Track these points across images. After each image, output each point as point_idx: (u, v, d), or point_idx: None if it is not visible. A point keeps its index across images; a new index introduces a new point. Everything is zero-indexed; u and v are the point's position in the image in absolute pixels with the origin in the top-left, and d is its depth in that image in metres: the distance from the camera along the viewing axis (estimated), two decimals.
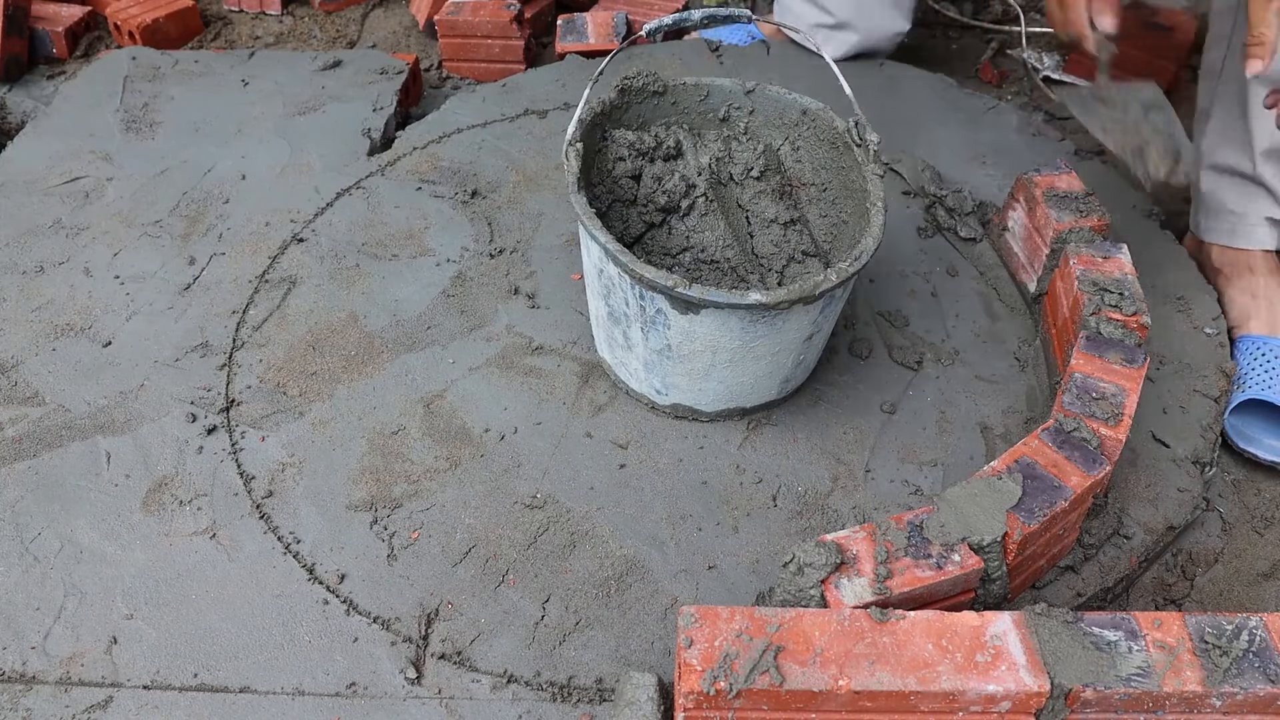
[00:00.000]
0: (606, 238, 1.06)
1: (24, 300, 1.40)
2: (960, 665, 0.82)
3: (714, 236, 1.21)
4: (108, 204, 1.57)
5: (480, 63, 1.99)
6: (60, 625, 1.04)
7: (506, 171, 1.64)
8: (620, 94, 1.25)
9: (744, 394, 1.20)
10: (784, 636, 0.84)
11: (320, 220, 1.54)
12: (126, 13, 2.04)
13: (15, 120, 1.92)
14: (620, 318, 1.15)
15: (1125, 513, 1.16)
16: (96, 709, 0.97)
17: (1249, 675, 0.82)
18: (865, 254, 1.08)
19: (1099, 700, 0.82)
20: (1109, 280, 1.23)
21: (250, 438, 1.22)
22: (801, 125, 1.28)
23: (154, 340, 1.35)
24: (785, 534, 1.13)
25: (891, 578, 0.92)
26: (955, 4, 2.25)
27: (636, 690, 0.93)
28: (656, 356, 1.15)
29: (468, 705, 0.98)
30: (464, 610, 1.06)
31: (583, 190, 1.11)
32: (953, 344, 1.37)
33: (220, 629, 1.04)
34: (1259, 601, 1.15)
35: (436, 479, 1.18)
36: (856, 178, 1.20)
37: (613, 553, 1.11)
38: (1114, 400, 1.09)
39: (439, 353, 1.33)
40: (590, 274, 1.17)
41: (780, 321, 1.08)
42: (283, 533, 1.12)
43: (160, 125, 1.73)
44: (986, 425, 1.26)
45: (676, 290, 1.03)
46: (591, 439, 1.23)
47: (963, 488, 0.99)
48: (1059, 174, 1.39)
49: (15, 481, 1.17)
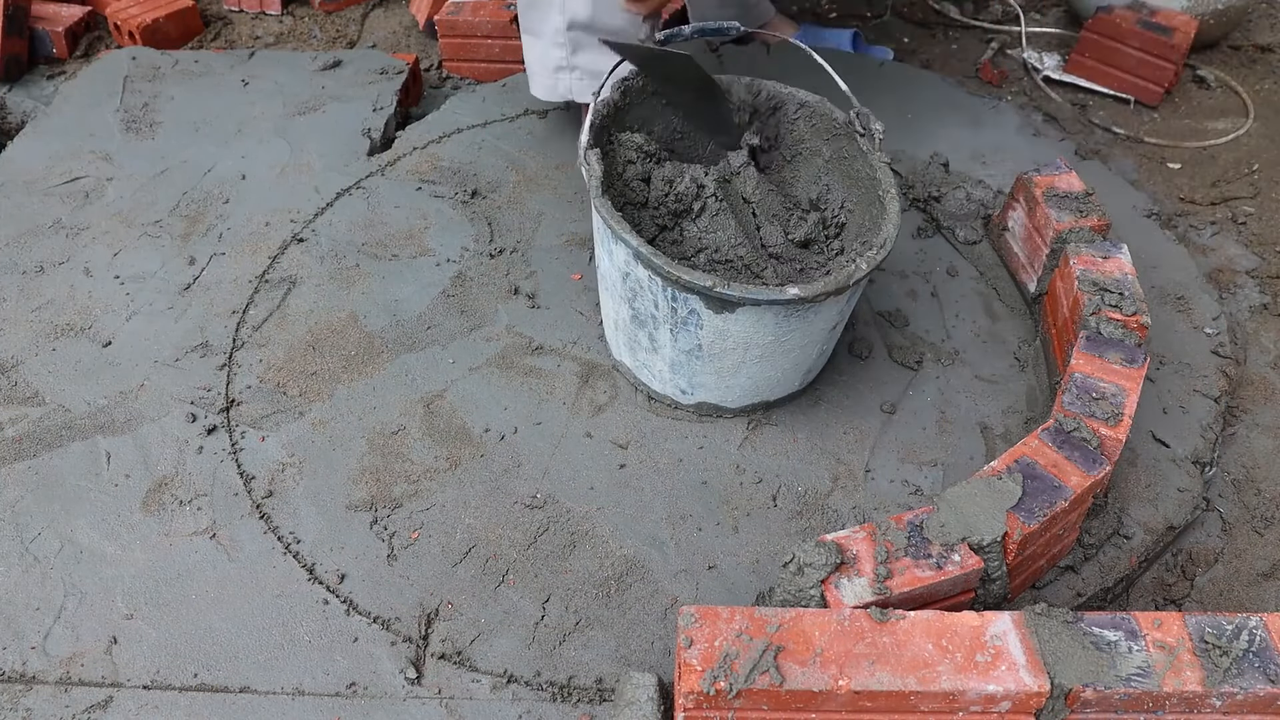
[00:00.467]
0: (639, 242, 1.06)
1: (24, 300, 1.40)
2: (960, 665, 0.82)
3: (726, 236, 1.21)
4: (108, 204, 1.57)
5: (480, 63, 1.99)
6: (60, 625, 1.04)
7: (506, 171, 1.64)
8: (623, 95, 1.25)
9: (770, 388, 1.21)
10: (784, 636, 0.84)
11: (320, 220, 1.54)
12: (126, 13, 2.04)
13: (15, 120, 1.92)
14: (646, 320, 1.15)
15: (1125, 513, 1.16)
16: (96, 709, 0.97)
17: (1249, 675, 0.82)
18: (889, 240, 1.09)
19: (1099, 700, 0.82)
20: (1109, 280, 1.23)
21: (250, 438, 1.22)
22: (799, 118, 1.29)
23: (154, 340, 1.35)
24: (785, 534, 1.13)
25: (891, 578, 0.92)
26: (955, 4, 2.25)
27: (636, 690, 0.93)
28: (685, 357, 1.16)
29: (468, 705, 0.98)
30: (464, 610, 1.06)
31: (607, 195, 1.11)
32: (953, 344, 1.37)
33: (220, 629, 1.04)
34: (1259, 601, 1.15)
35: (436, 479, 1.18)
36: (862, 167, 1.21)
37: (613, 553, 1.11)
38: (1114, 400, 1.09)
39: (439, 353, 1.33)
40: (612, 278, 1.17)
41: (812, 314, 1.09)
42: (283, 533, 1.12)
43: (160, 125, 1.73)
44: (986, 425, 1.26)
45: (716, 290, 1.03)
46: (591, 439, 1.23)
47: (963, 488, 0.99)
48: (1059, 174, 1.39)
49: (15, 481, 1.17)
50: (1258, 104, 1.93)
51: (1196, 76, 2.01)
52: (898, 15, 2.23)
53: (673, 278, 1.05)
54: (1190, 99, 1.96)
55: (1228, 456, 1.29)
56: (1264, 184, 1.73)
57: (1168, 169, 1.78)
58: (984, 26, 2.16)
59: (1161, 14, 1.91)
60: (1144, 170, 1.78)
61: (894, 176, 1.16)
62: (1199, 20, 1.93)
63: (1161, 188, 1.74)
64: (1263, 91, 1.98)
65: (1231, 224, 1.65)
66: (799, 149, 1.32)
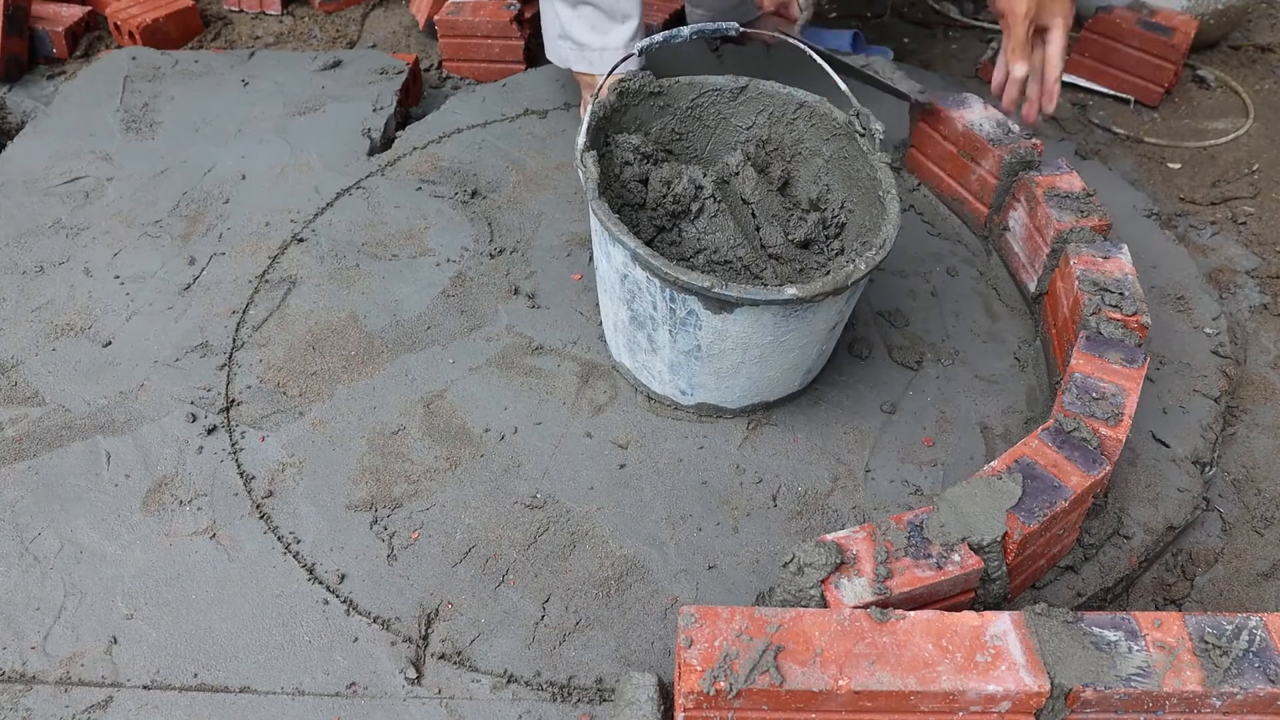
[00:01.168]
0: (636, 243, 1.05)
1: (24, 300, 1.40)
2: (960, 665, 0.82)
3: (724, 237, 1.21)
4: (108, 204, 1.57)
5: (480, 63, 1.99)
6: (60, 625, 1.04)
7: (506, 171, 1.64)
8: (619, 96, 1.25)
9: (769, 388, 1.21)
10: (784, 636, 0.84)
11: (320, 220, 1.54)
12: (126, 13, 2.04)
13: (15, 120, 1.92)
14: (645, 321, 1.15)
15: (1125, 513, 1.16)
16: (96, 709, 0.97)
17: (1249, 675, 0.82)
18: (888, 241, 1.09)
19: (1099, 700, 0.82)
20: (1109, 280, 1.23)
21: (250, 438, 1.22)
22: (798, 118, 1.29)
23: (154, 340, 1.35)
24: (785, 534, 1.13)
25: (891, 578, 0.92)
26: (955, 4, 2.25)
27: (636, 690, 0.93)
28: (684, 358, 1.15)
29: (468, 705, 0.98)
30: (464, 610, 1.06)
31: (603, 196, 1.11)
32: (953, 344, 1.37)
33: (220, 629, 1.04)
34: (1259, 601, 1.15)
35: (436, 479, 1.18)
36: (861, 167, 1.21)
37: (613, 553, 1.11)
38: (1114, 400, 1.09)
39: (439, 353, 1.33)
40: (610, 280, 1.17)
41: (810, 314, 1.09)
42: (283, 533, 1.12)
43: (160, 125, 1.73)
44: (986, 425, 1.26)
45: (714, 291, 1.03)
46: (591, 439, 1.23)
47: (963, 488, 0.99)
48: (1059, 174, 1.39)
49: (15, 481, 1.17)
50: (1258, 104, 1.93)
51: (1196, 76, 2.01)
52: (898, 15, 2.23)
53: (670, 279, 1.05)
54: (1190, 99, 1.96)
55: (1228, 456, 1.29)
56: (1264, 184, 1.73)
57: (1168, 169, 1.78)
58: (984, 26, 2.16)
59: (1161, 14, 1.91)
60: (1144, 170, 1.78)
61: (894, 176, 1.16)
62: (1199, 20, 1.93)
63: (1161, 188, 1.74)
64: (1263, 91, 1.98)
65: (1231, 224, 1.65)
66: (799, 149, 1.32)
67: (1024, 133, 1.45)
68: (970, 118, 1.48)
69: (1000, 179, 1.43)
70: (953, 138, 1.51)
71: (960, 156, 1.50)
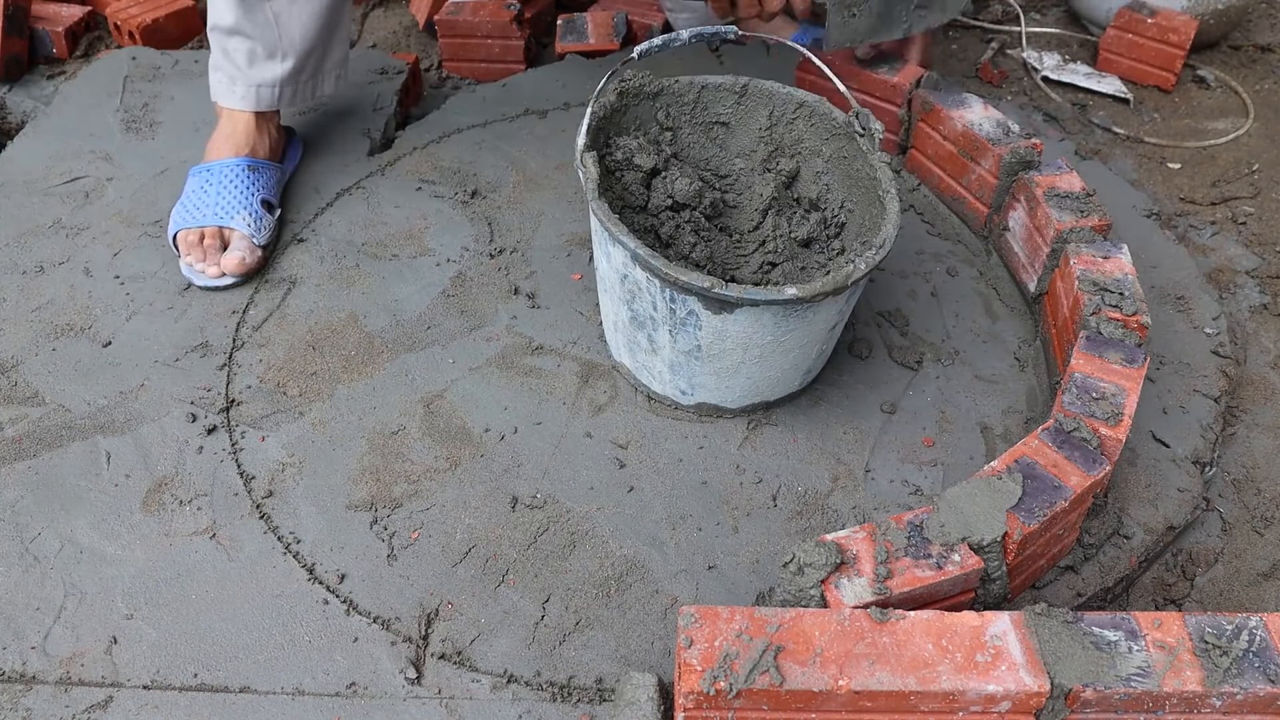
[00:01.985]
0: (636, 243, 1.05)
1: (24, 300, 1.40)
2: (960, 665, 0.82)
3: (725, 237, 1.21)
4: (108, 204, 1.57)
5: (480, 63, 1.99)
6: (60, 625, 1.04)
7: (506, 171, 1.64)
8: (619, 96, 1.25)
9: (769, 388, 1.21)
10: (784, 636, 0.84)
11: (320, 220, 1.54)
12: (126, 13, 2.04)
13: (15, 120, 1.92)
14: (645, 321, 1.15)
15: (1125, 513, 1.16)
16: (96, 709, 0.97)
17: (1249, 675, 0.82)
18: (888, 241, 1.09)
19: (1099, 700, 0.82)
20: (1109, 280, 1.23)
21: (250, 438, 1.22)
22: (798, 118, 1.29)
23: (154, 340, 1.35)
24: (785, 534, 1.13)
25: (891, 578, 0.92)
26: None
27: (636, 690, 0.93)
28: (684, 358, 1.16)
29: (468, 705, 0.98)
30: (464, 610, 1.06)
31: (603, 197, 1.11)
32: (953, 344, 1.37)
33: (220, 629, 1.04)
34: (1259, 601, 1.15)
35: (436, 479, 1.18)
36: (861, 167, 1.21)
37: (613, 553, 1.11)
38: (1114, 400, 1.09)
39: (439, 353, 1.33)
40: (610, 280, 1.17)
41: (810, 314, 1.09)
42: (283, 533, 1.12)
43: (160, 125, 1.73)
44: (986, 425, 1.26)
45: (714, 291, 1.03)
46: (591, 439, 1.23)
47: (963, 488, 0.99)
48: (1059, 174, 1.39)
49: (15, 481, 1.17)
50: (1258, 104, 1.93)
51: (1196, 76, 2.01)
52: None
53: (670, 279, 1.05)
54: (1190, 99, 1.96)
55: (1228, 456, 1.29)
56: (1264, 184, 1.74)
57: (1168, 169, 1.78)
58: (984, 26, 2.17)
59: (1162, 14, 1.91)
60: (1144, 170, 1.78)
61: (894, 176, 1.16)
62: (1199, 20, 1.93)
63: (1161, 188, 1.74)
64: (1263, 91, 1.98)
65: (1231, 224, 1.65)
66: (799, 149, 1.32)
67: (1023, 132, 1.45)
68: (970, 117, 1.48)
69: (1000, 179, 1.43)
70: (952, 137, 1.51)
71: (960, 156, 1.51)
